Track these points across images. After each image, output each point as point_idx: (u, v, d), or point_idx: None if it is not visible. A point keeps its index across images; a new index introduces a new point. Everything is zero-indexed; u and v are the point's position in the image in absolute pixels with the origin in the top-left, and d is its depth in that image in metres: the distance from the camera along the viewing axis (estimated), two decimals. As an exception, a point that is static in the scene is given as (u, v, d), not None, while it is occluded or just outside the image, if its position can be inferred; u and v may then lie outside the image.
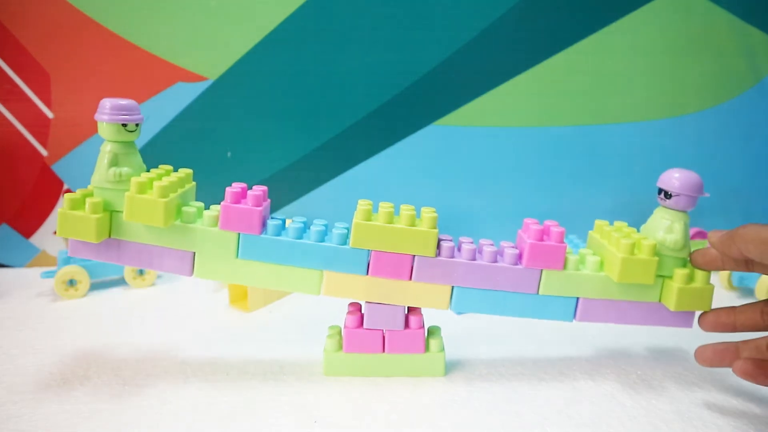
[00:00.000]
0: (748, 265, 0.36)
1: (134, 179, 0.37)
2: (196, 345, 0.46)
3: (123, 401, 0.38)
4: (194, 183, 0.43)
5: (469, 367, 0.42)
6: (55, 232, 0.68)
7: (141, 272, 0.60)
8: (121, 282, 0.60)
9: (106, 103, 0.38)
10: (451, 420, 0.35)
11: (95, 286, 0.59)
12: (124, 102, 0.38)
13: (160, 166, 0.41)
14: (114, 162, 0.38)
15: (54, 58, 0.63)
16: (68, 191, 0.68)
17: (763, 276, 0.53)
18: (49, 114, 0.65)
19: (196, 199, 0.43)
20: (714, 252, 0.37)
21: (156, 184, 0.37)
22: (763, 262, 0.33)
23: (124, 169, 0.38)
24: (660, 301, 0.39)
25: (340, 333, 0.42)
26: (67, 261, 0.58)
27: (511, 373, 0.41)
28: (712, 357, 0.38)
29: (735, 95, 0.66)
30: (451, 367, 0.42)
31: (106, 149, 0.38)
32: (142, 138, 0.65)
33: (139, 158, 0.40)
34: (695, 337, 0.46)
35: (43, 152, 0.66)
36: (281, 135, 0.66)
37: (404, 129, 0.66)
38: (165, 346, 0.46)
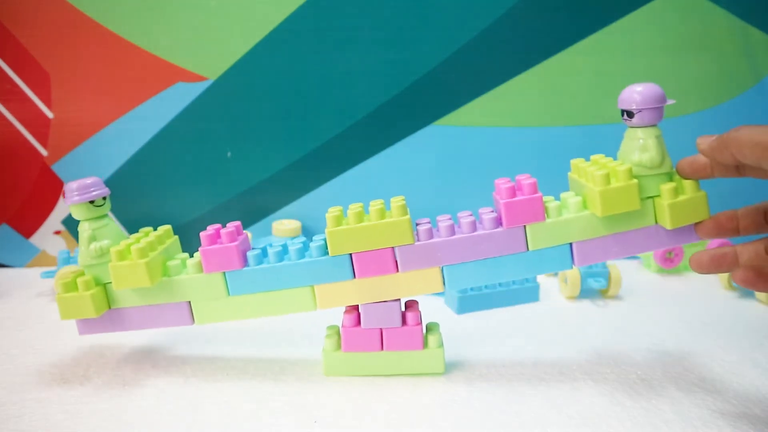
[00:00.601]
0: (739, 170, 0.34)
1: (113, 249, 0.39)
2: (196, 345, 0.46)
3: (123, 401, 0.38)
4: (176, 237, 0.44)
5: (469, 367, 0.42)
6: (55, 232, 0.68)
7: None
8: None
9: (73, 186, 0.40)
10: (451, 420, 0.35)
11: (95, 286, 0.59)
12: (89, 180, 0.40)
13: (140, 230, 0.42)
14: (93, 238, 0.40)
15: (54, 58, 0.63)
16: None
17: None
18: (49, 114, 0.65)
19: (196, 198, 0.43)
20: (703, 159, 0.35)
21: (134, 247, 0.39)
22: (759, 167, 0.31)
23: (104, 242, 0.40)
24: (657, 223, 0.37)
25: (338, 333, 0.42)
26: (67, 261, 0.58)
27: (511, 373, 0.41)
28: (709, 263, 0.35)
29: (735, 95, 0.66)
30: (451, 367, 0.42)
31: (84, 228, 0.40)
32: (143, 138, 0.66)
33: (115, 227, 0.42)
34: (695, 337, 0.46)
35: (43, 152, 0.66)
36: (281, 135, 0.66)
37: (404, 129, 0.66)
38: (165, 346, 0.46)
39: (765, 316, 0.51)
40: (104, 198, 0.40)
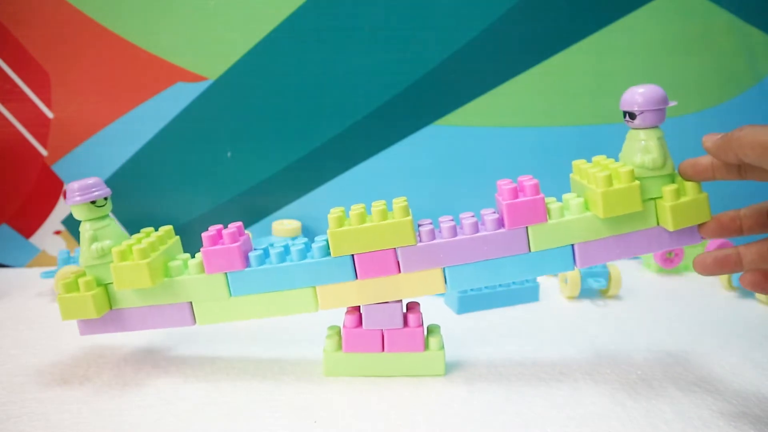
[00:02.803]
0: (741, 172, 0.34)
1: (115, 249, 0.39)
2: (196, 345, 0.46)
3: (123, 401, 0.38)
4: (177, 237, 0.44)
5: (469, 367, 0.42)
6: (55, 232, 0.68)
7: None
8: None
9: (74, 186, 0.40)
10: (451, 420, 0.35)
11: (95, 286, 0.59)
12: (90, 181, 0.40)
13: (141, 230, 0.42)
14: (94, 239, 0.40)
15: (54, 58, 0.63)
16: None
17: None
18: (49, 114, 0.65)
19: (196, 198, 0.44)
20: (705, 161, 0.35)
21: (135, 248, 0.39)
22: (761, 167, 0.31)
23: (106, 243, 0.40)
24: (659, 224, 0.37)
25: (339, 333, 0.42)
26: (67, 261, 0.58)
27: (511, 373, 0.41)
28: (713, 264, 0.35)
29: (735, 95, 0.66)
30: (451, 367, 0.42)
31: (85, 229, 0.40)
32: (143, 138, 0.66)
33: (117, 228, 0.42)
34: (695, 337, 0.46)
35: (43, 152, 0.66)
36: (281, 135, 0.66)
37: (404, 129, 0.66)
38: (165, 346, 0.46)
39: (765, 316, 0.51)
40: (105, 198, 0.40)
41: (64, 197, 0.40)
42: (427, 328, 0.42)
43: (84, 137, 0.66)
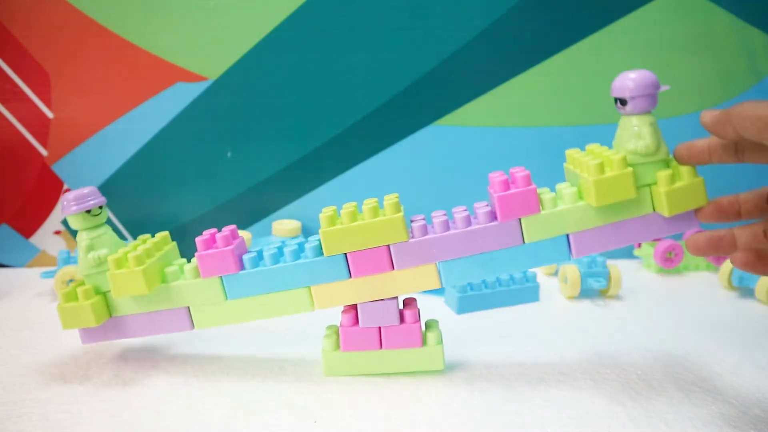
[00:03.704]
0: (738, 154, 0.34)
1: (110, 257, 0.39)
2: (196, 345, 0.46)
3: (123, 401, 0.38)
4: (174, 243, 0.44)
5: (469, 367, 0.42)
6: (55, 232, 0.68)
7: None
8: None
9: (69, 196, 0.40)
10: (451, 420, 0.35)
11: (95, 286, 0.59)
12: (85, 190, 0.40)
13: (138, 237, 0.43)
14: (91, 248, 0.40)
15: (54, 58, 0.63)
16: (68, 191, 0.68)
17: (763, 277, 0.53)
18: (49, 114, 0.65)
19: (196, 198, 0.44)
20: (701, 143, 0.35)
21: (131, 255, 0.39)
22: (760, 142, 0.30)
23: (102, 251, 0.40)
24: (655, 211, 0.36)
25: (337, 332, 0.42)
26: (67, 261, 0.58)
27: (511, 373, 0.41)
28: (707, 245, 0.35)
29: (735, 95, 0.66)
30: (451, 367, 0.42)
31: (82, 238, 0.40)
32: (143, 138, 0.66)
33: (113, 236, 0.42)
34: (695, 336, 0.46)
35: (43, 152, 0.66)
36: (281, 135, 0.66)
37: (404, 129, 0.66)
38: (165, 346, 0.46)
39: (765, 316, 0.51)
40: (101, 207, 0.41)
41: (62, 208, 0.40)
42: (426, 323, 0.42)
43: (84, 137, 0.66)
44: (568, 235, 0.37)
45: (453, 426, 0.35)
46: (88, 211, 0.40)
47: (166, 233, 0.44)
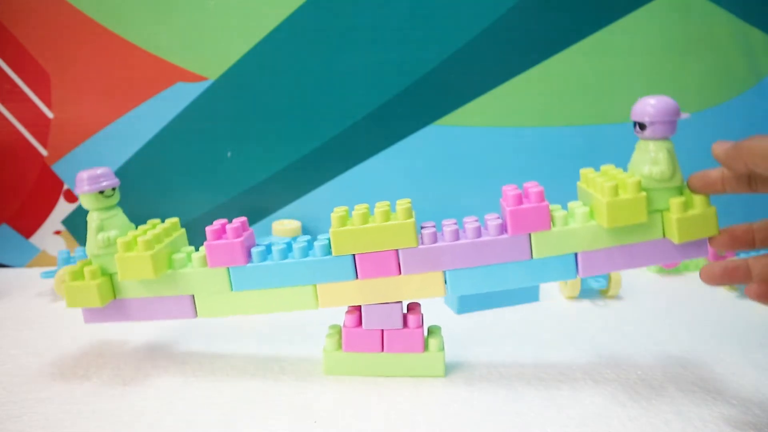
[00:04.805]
0: (751, 185, 0.34)
1: (120, 240, 0.39)
2: (196, 344, 0.46)
3: (123, 401, 0.38)
4: (183, 230, 0.44)
5: (469, 368, 0.42)
6: (55, 232, 0.68)
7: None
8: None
9: (83, 175, 0.40)
10: (451, 420, 0.35)
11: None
12: (99, 171, 0.40)
13: (147, 222, 0.43)
14: (100, 228, 0.40)
15: (54, 58, 0.63)
16: (68, 191, 0.68)
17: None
18: (49, 114, 0.65)
19: (196, 198, 0.44)
20: (714, 173, 0.35)
21: (140, 239, 0.39)
22: None
23: (112, 233, 0.40)
24: (665, 236, 0.37)
25: (339, 332, 0.42)
26: (67, 261, 0.58)
27: (511, 373, 0.41)
28: (721, 275, 0.35)
29: (735, 95, 0.66)
30: (451, 368, 0.42)
31: (92, 218, 0.40)
32: (143, 138, 0.66)
33: (123, 218, 0.42)
34: (695, 337, 0.46)
35: (43, 152, 0.66)
36: (281, 135, 0.66)
37: (404, 129, 0.66)
38: (165, 345, 0.46)
39: (765, 316, 0.51)
40: (113, 189, 0.41)
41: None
42: (428, 329, 0.42)
43: (84, 137, 0.66)
44: (576, 254, 0.38)
45: (453, 426, 0.35)
46: (101, 192, 0.40)
47: (176, 219, 0.44)
